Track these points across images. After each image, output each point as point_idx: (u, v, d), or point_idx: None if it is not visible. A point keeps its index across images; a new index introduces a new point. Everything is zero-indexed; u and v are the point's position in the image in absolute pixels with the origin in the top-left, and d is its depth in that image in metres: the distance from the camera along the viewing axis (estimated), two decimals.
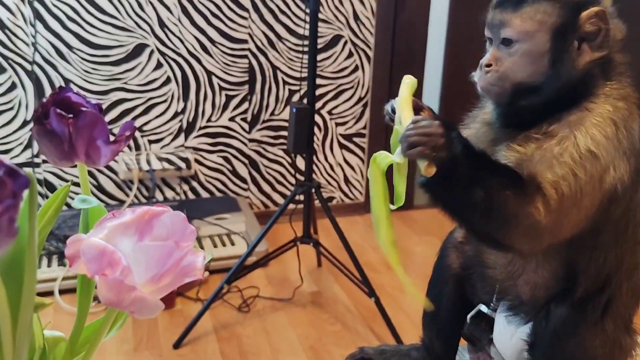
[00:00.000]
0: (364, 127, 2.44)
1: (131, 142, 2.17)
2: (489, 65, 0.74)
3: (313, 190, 1.77)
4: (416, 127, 0.65)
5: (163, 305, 0.43)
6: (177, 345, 1.64)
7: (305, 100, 1.73)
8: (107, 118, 2.12)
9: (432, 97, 2.57)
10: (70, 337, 0.48)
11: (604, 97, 0.69)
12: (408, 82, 0.74)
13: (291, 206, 1.80)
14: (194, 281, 1.59)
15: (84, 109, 0.49)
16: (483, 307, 0.82)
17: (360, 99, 2.39)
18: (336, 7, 2.23)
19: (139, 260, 0.43)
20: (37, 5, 1.93)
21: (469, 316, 0.84)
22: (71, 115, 0.48)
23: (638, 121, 0.70)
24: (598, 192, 0.67)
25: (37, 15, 1.94)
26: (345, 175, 2.49)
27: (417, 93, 0.77)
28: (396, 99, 0.73)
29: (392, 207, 0.71)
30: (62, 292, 1.79)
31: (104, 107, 2.09)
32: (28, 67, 1.98)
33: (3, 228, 0.32)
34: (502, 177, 0.67)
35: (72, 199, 0.99)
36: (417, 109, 0.74)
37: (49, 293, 1.77)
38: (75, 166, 0.54)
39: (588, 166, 0.66)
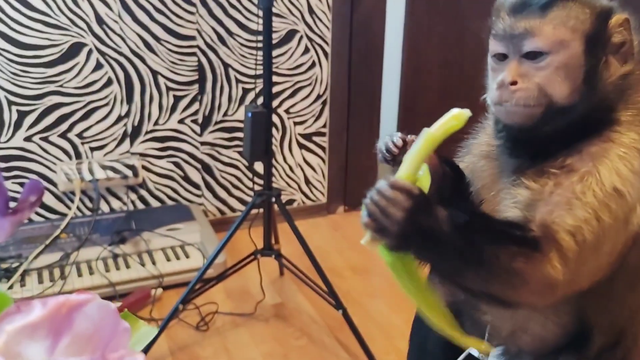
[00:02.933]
0: (324, 126, 2.34)
1: (71, 150, 1.99)
2: (514, 83, 0.62)
3: (273, 199, 1.65)
4: (378, 198, 0.56)
5: None
6: None
7: (260, 100, 1.61)
8: (42, 125, 1.93)
9: (391, 92, 2.49)
10: None
11: (627, 125, 0.60)
12: (448, 119, 0.59)
13: (251, 212, 1.68)
14: (145, 299, 1.42)
15: None
16: (474, 351, 0.73)
17: (319, 97, 2.28)
18: (290, 1, 2.11)
19: None
20: None
21: None
22: None
23: None
24: (622, 236, 0.58)
25: None
26: (305, 177, 2.38)
27: (377, 93, 0.66)
28: (411, 148, 0.60)
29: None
30: None
31: (37, 112, 1.91)
32: None
33: None
34: (504, 239, 0.57)
35: None
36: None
37: None
38: None
39: (613, 206, 0.57)
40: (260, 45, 1.63)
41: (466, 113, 0.58)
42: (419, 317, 0.78)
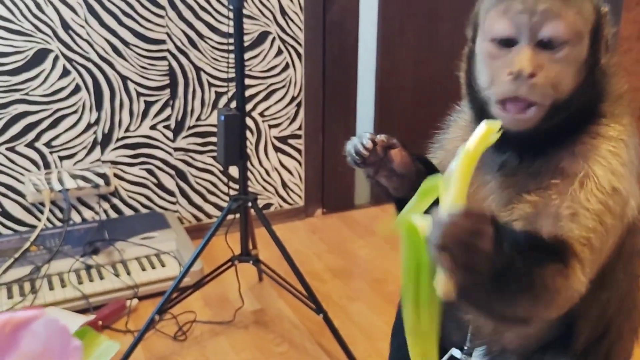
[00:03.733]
0: (299, 128, 2.31)
1: (39, 160, 1.93)
2: (533, 75, 0.56)
3: (249, 204, 1.62)
4: (456, 227, 0.46)
5: None
6: None
7: (233, 104, 1.58)
8: (8, 135, 1.87)
9: (366, 92, 2.48)
10: None
11: (611, 116, 0.59)
12: (482, 135, 0.52)
13: (227, 218, 1.64)
14: (120, 310, 1.38)
15: None
16: (456, 352, 0.71)
17: (293, 99, 2.26)
18: (261, 2, 2.08)
19: None
20: None
21: None
22: None
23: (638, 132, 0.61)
24: (620, 230, 0.59)
25: None
26: (282, 180, 2.35)
27: (352, 94, 0.63)
28: (462, 152, 0.52)
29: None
30: None
31: (3, 122, 1.85)
32: None
33: None
34: (539, 256, 0.54)
35: None
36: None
37: None
38: None
39: (613, 205, 0.57)
40: (231, 47, 1.60)
41: (497, 124, 0.53)
42: (399, 319, 0.76)
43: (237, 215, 1.70)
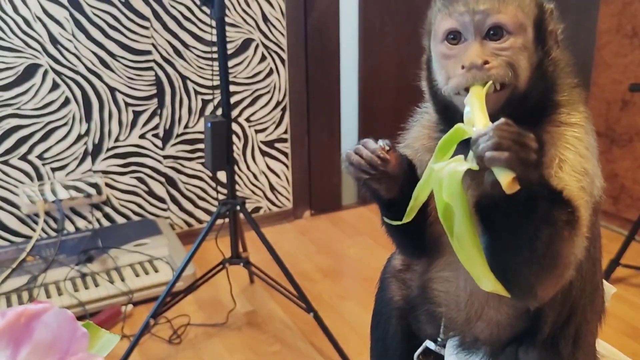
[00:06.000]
0: (285, 132, 2.37)
1: (32, 172, 1.97)
2: (486, 63, 0.60)
3: (238, 207, 1.67)
4: (507, 130, 0.51)
5: None
6: None
7: (220, 111, 1.63)
8: (2, 148, 1.91)
9: (350, 94, 2.53)
10: None
11: (567, 105, 0.64)
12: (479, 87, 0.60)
13: (217, 222, 1.69)
14: (116, 316, 1.42)
15: None
16: (430, 344, 0.75)
17: (278, 103, 2.31)
18: (244, 10, 2.13)
19: None
20: None
21: (415, 355, 0.76)
22: None
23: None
24: (590, 208, 0.62)
25: None
26: (270, 183, 2.40)
27: (336, 96, 0.66)
28: (468, 95, 0.59)
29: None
30: None
31: None
32: None
33: None
34: (559, 206, 0.56)
35: None
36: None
37: None
38: None
39: (586, 185, 0.60)
40: (216, 56, 1.65)
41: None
42: (377, 312, 0.80)
43: (227, 220, 1.75)
